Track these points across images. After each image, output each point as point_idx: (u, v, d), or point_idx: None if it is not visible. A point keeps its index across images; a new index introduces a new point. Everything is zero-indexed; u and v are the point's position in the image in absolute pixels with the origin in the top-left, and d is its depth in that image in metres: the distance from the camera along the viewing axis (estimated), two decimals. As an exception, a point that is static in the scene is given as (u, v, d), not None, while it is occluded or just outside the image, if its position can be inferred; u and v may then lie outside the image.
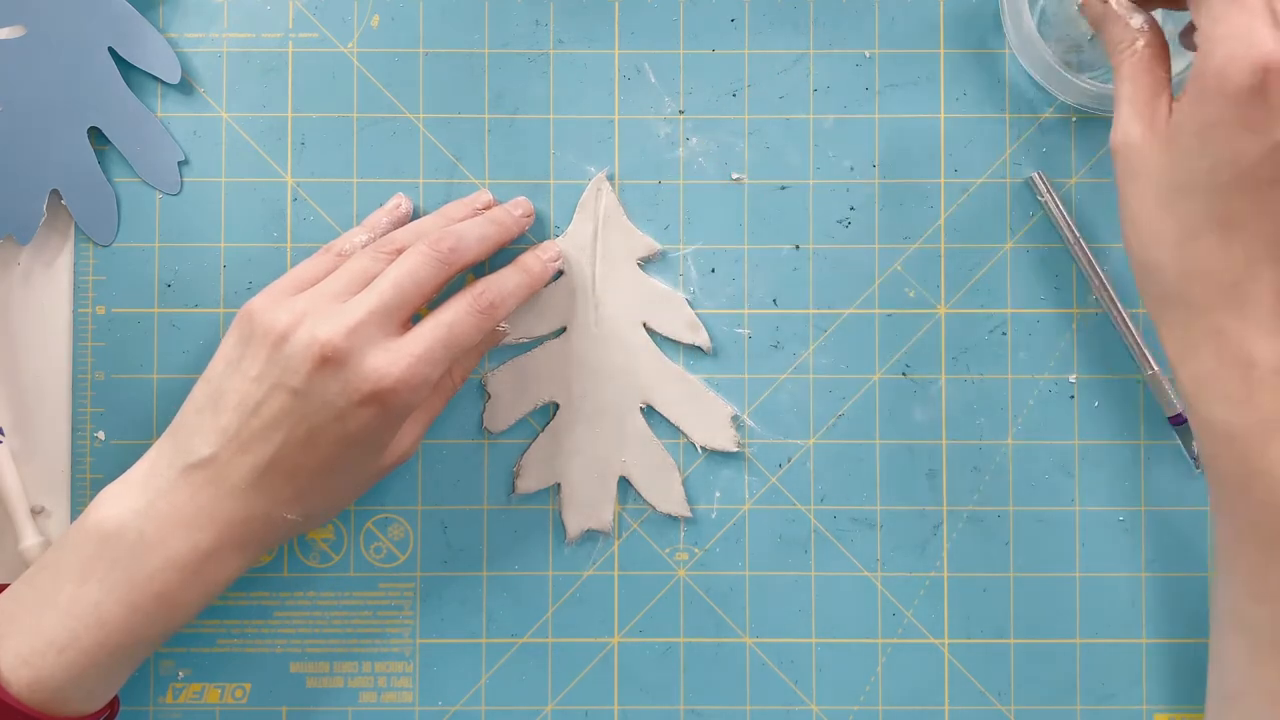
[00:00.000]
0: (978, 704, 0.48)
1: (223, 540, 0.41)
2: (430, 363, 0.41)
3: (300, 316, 0.41)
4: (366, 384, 0.40)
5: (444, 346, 0.42)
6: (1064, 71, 0.46)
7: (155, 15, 0.49)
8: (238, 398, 0.41)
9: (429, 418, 0.46)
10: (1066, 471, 0.49)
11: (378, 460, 0.44)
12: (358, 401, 0.40)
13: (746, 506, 0.49)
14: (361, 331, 0.41)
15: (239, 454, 0.41)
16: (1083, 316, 0.49)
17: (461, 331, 0.43)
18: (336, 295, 0.42)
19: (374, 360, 0.40)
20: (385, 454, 0.44)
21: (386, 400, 0.41)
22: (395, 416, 0.42)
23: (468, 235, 0.44)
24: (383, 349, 0.41)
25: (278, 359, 0.41)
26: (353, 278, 0.43)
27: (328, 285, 0.43)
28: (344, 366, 0.40)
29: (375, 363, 0.40)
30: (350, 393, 0.40)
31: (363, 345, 0.41)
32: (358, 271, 0.43)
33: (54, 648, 0.40)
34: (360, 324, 0.41)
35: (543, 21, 0.49)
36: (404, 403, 0.41)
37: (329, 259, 0.45)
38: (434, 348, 0.42)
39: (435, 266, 0.43)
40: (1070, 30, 0.49)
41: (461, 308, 0.43)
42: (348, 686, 0.48)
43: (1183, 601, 0.49)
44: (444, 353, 0.42)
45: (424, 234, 0.45)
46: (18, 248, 0.48)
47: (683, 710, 0.48)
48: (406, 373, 0.41)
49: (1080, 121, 0.49)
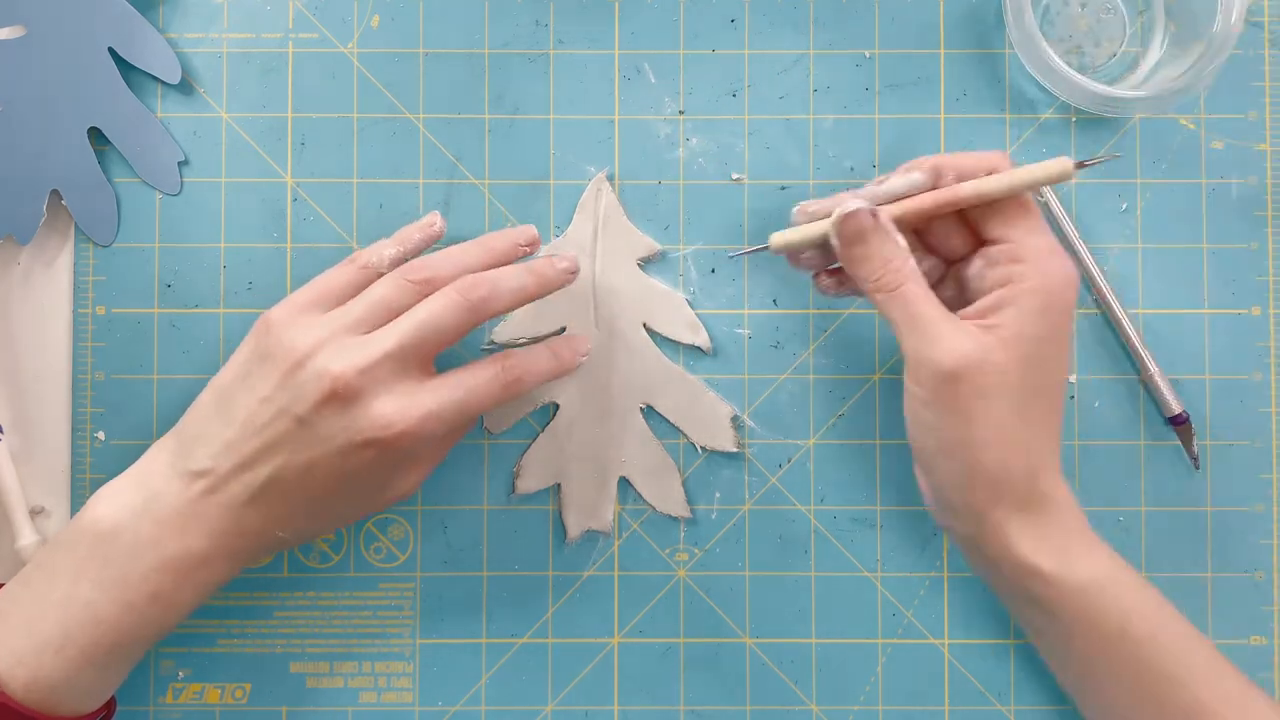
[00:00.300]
0: (978, 704, 0.48)
1: (215, 548, 0.41)
2: (441, 421, 0.41)
3: (317, 344, 0.41)
4: (372, 428, 0.40)
5: (458, 409, 0.41)
6: (1066, 70, 0.46)
7: (155, 15, 0.49)
8: (245, 414, 0.41)
9: (434, 463, 0.45)
10: (1066, 471, 0.49)
11: (375, 497, 0.43)
12: (360, 443, 0.40)
13: (746, 507, 0.49)
14: (375, 372, 0.40)
15: (238, 470, 0.41)
16: (1083, 316, 0.49)
17: (480, 399, 0.42)
18: (357, 325, 0.41)
19: (383, 406, 0.40)
20: (384, 493, 0.43)
21: (390, 446, 0.40)
22: (396, 462, 0.41)
23: (503, 285, 0.42)
24: (395, 395, 0.40)
25: (289, 385, 0.40)
26: (376, 306, 0.42)
27: (349, 312, 0.42)
28: (352, 405, 0.40)
29: (384, 409, 0.40)
30: (354, 433, 0.40)
31: (374, 386, 0.40)
32: (381, 301, 0.42)
33: (50, 647, 0.40)
34: (375, 364, 0.40)
35: (543, 21, 0.49)
36: (406, 452, 0.41)
37: (353, 271, 0.44)
38: (448, 407, 0.41)
39: (462, 314, 0.42)
40: (1073, 30, 0.49)
41: (487, 376, 0.42)
42: (348, 686, 0.48)
43: (1182, 601, 0.48)
44: (456, 415, 0.41)
45: (459, 265, 0.43)
46: (18, 248, 0.48)
47: (683, 710, 0.48)
48: (415, 426, 0.40)
49: (1080, 122, 0.49)
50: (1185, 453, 0.49)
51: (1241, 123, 0.50)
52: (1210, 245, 0.49)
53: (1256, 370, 0.49)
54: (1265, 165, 0.49)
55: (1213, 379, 0.49)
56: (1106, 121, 0.49)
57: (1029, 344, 0.40)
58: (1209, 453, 0.49)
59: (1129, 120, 0.49)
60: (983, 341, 0.40)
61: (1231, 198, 0.49)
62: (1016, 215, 0.41)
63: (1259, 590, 0.49)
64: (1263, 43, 0.50)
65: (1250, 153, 0.49)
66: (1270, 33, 0.50)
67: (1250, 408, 0.49)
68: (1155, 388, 0.48)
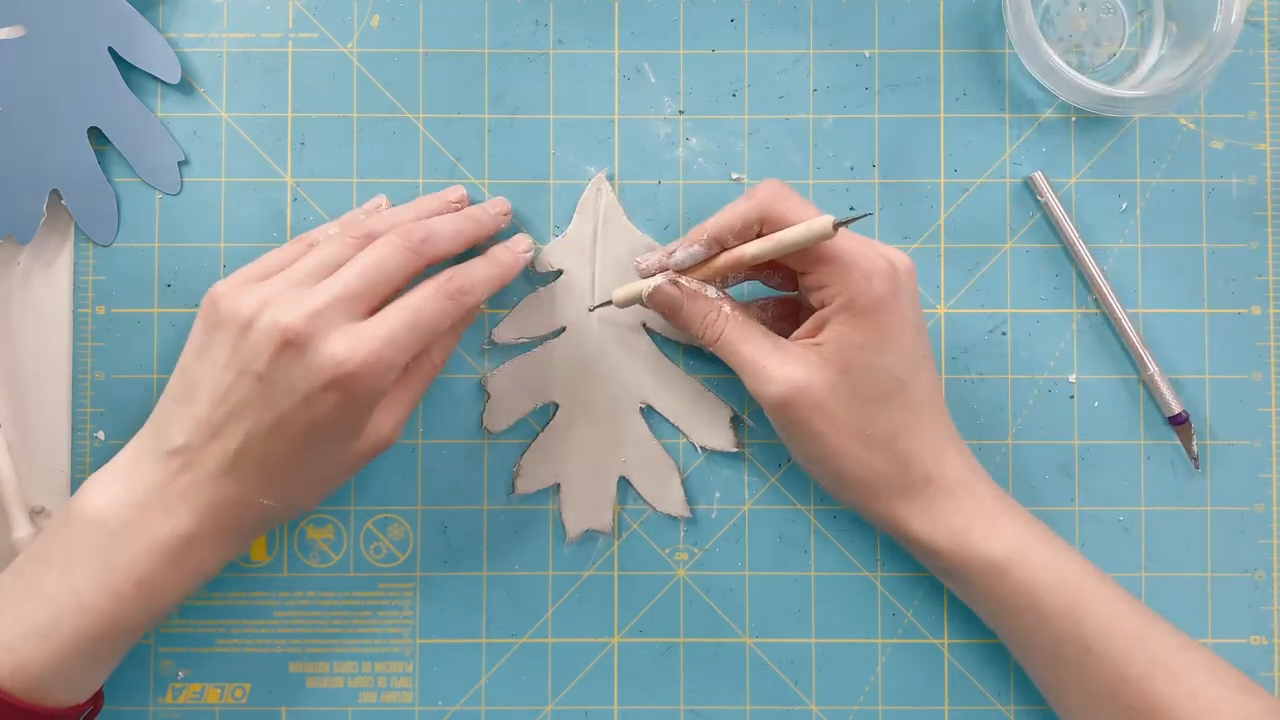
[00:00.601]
0: (978, 704, 0.48)
1: (202, 526, 0.41)
2: (395, 346, 0.41)
3: (264, 302, 0.41)
4: (328, 368, 0.40)
5: (409, 330, 0.41)
6: (1066, 69, 0.46)
7: (155, 15, 0.49)
8: (208, 385, 0.41)
9: (409, 401, 0.45)
10: (1066, 471, 0.49)
11: (352, 446, 0.43)
12: (320, 386, 0.40)
13: (746, 506, 0.49)
14: (324, 316, 0.40)
15: (211, 440, 0.41)
16: (1083, 316, 0.49)
17: (428, 316, 0.42)
18: (302, 281, 0.42)
19: (335, 344, 0.40)
20: (361, 440, 0.43)
21: (350, 385, 0.40)
22: (362, 401, 0.41)
23: (441, 228, 0.44)
24: (345, 333, 0.40)
25: (242, 346, 0.41)
26: (320, 263, 0.42)
27: (293, 271, 0.42)
28: (305, 350, 0.40)
29: (336, 347, 0.40)
30: (313, 377, 0.40)
31: (325, 329, 0.40)
32: (325, 258, 0.43)
33: (36, 634, 0.40)
34: (323, 308, 0.40)
35: (543, 21, 0.49)
36: (369, 388, 0.40)
37: (299, 248, 0.45)
38: (398, 331, 0.41)
39: (405, 256, 0.42)
40: (1073, 30, 0.49)
41: (428, 292, 0.42)
42: (348, 686, 0.48)
43: (1182, 601, 0.49)
44: (410, 337, 0.41)
45: (394, 222, 0.45)
46: (18, 248, 0.48)
47: (683, 710, 0.48)
48: (370, 357, 0.40)
49: (1080, 121, 0.49)
50: (1185, 453, 0.49)
51: (1241, 123, 0.50)
52: (1210, 245, 0.49)
53: (1256, 370, 0.49)
54: (1265, 165, 0.49)
55: (1213, 379, 0.49)
56: (1106, 121, 0.49)
57: (852, 351, 0.42)
58: (1209, 453, 0.49)
59: (1129, 120, 0.49)
60: (806, 362, 0.43)
61: (1231, 198, 0.49)
62: (809, 252, 0.43)
63: (1259, 590, 0.49)
64: (1263, 43, 0.50)
65: (1250, 153, 0.49)
66: (1270, 33, 0.50)
67: (1250, 408, 0.49)
68: (1155, 388, 0.48)
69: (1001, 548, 0.43)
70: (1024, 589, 0.42)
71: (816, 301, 0.43)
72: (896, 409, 0.43)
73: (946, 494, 0.43)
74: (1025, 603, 0.42)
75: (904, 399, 0.43)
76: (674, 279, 0.44)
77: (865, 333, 0.42)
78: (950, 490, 0.44)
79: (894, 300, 0.42)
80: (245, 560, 0.48)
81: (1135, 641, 0.42)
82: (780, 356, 0.43)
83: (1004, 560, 0.42)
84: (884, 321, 0.42)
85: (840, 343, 0.42)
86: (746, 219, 0.43)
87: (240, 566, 0.48)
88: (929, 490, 0.44)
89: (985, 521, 0.43)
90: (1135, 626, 0.42)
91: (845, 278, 0.42)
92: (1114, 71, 0.50)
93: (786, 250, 0.42)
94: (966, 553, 0.43)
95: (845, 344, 0.42)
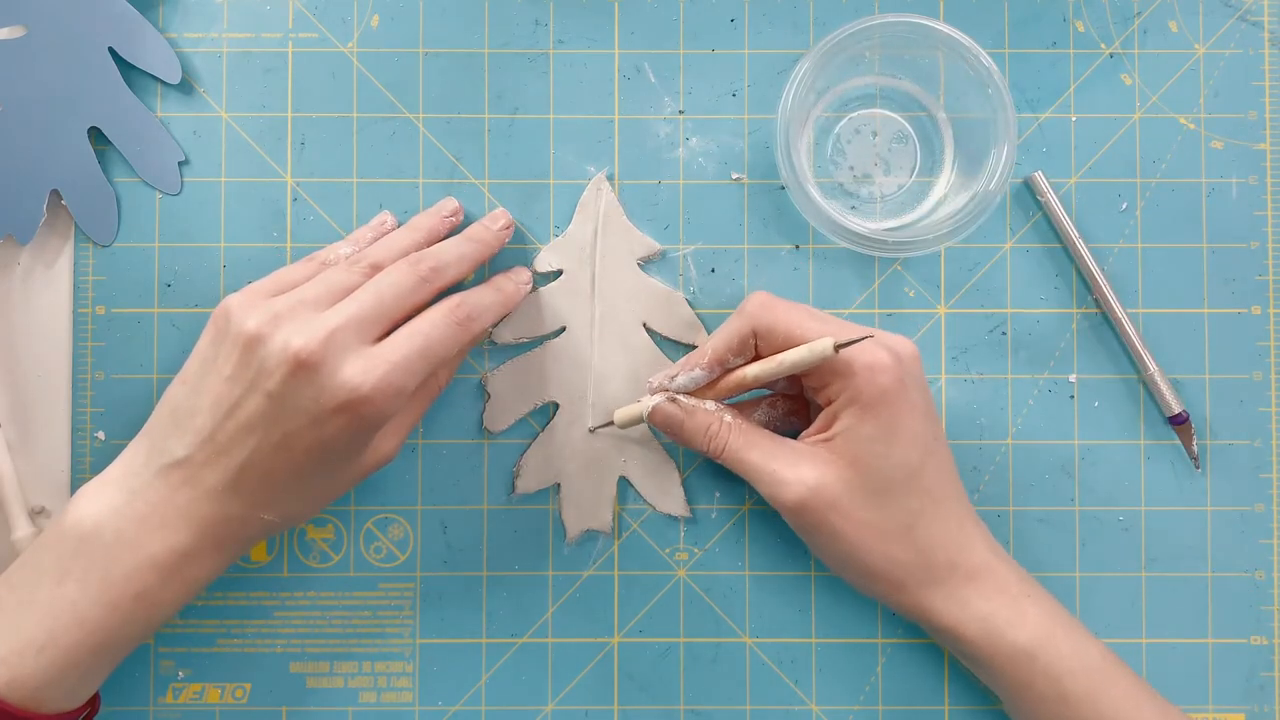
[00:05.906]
0: (978, 704, 0.48)
1: (200, 540, 0.41)
2: (406, 372, 0.41)
3: (276, 321, 0.41)
4: (341, 392, 0.40)
5: (420, 356, 0.41)
6: (834, 214, 0.46)
7: (155, 15, 0.49)
8: (213, 398, 0.41)
9: (411, 422, 0.46)
10: (1066, 471, 0.49)
11: (355, 465, 0.43)
12: (332, 409, 0.40)
13: (746, 506, 0.49)
14: (337, 339, 0.40)
15: (215, 456, 0.41)
16: (1082, 316, 0.49)
17: (438, 342, 0.42)
18: (313, 303, 0.42)
19: (349, 368, 0.40)
20: (363, 458, 0.44)
21: (361, 409, 0.40)
22: (370, 424, 0.41)
23: (447, 255, 0.45)
24: (359, 356, 0.40)
25: (252, 361, 0.41)
26: (330, 288, 0.43)
27: (304, 292, 0.43)
28: (318, 373, 0.40)
29: (350, 371, 0.40)
30: (324, 400, 0.40)
31: (338, 352, 0.40)
32: (334, 283, 0.43)
33: (32, 647, 0.40)
34: (337, 330, 0.40)
35: (543, 21, 0.49)
36: (379, 412, 0.41)
37: (312, 267, 0.45)
38: (410, 356, 0.41)
39: (416, 284, 0.43)
40: (863, 159, 0.48)
41: (438, 318, 0.43)
42: (348, 686, 0.48)
43: (1182, 601, 0.49)
44: (420, 362, 0.41)
45: (397, 249, 0.45)
46: (18, 248, 0.48)
47: (683, 710, 0.48)
48: (381, 381, 0.40)
49: (1080, 121, 0.49)
50: (1185, 452, 0.49)
51: (1241, 123, 0.50)
52: (1210, 245, 0.49)
53: (1256, 370, 0.49)
54: (1265, 165, 0.49)
55: (1213, 379, 0.49)
56: (1106, 121, 0.49)
57: (863, 444, 0.42)
58: (1209, 453, 0.49)
59: (1129, 120, 0.49)
60: (816, 459, 0.43)
61: (1231, 198, 0.49)
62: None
63: (1259, 590, 0.49)
64: (1263, 42, 0.50)
65: (1250, 153, 0.49)
66: (1270, 33, 0.50)
67: (1250, 408, 0.49)
68: (1155, 387, 0.48)
69: (1028, 636, 0.43)
70: (1050, 675, 0.42)
71: (823, 400, 0.44)
72: (912, 497, 0.43)
73: (969, 578, 0.43)
74: (1052, 690, 0.43)
75: (918, 486, 0.43)
76: (673, 397, 0.45)
77: (874, 425, 0.42)
78: (973, 574, 0.43)
79: (900, 390, 0.42)
80: (245, 560, 0.48)
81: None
82: (789, 458, 0.43)
83: (1032, 647, 0.43)
84: (892, 412, 0.42)
85: (850, 436, 0.42)
86: (741, 335, 0.44)
87: (240, 566, 0.48)
88: (954, 577, 0.43)
89: (1010, 607, 0.43)
90: (1151, 713, 0.43)
91: (849, 377, 0.42)
92: (904, 201, 0.49)
93: (789, 372, 0.43)
94: (994, 640, 0.43)
95: (855, 437, 0.42)
